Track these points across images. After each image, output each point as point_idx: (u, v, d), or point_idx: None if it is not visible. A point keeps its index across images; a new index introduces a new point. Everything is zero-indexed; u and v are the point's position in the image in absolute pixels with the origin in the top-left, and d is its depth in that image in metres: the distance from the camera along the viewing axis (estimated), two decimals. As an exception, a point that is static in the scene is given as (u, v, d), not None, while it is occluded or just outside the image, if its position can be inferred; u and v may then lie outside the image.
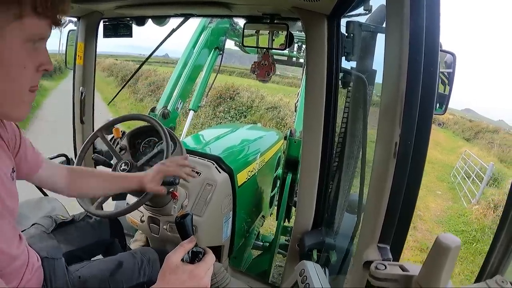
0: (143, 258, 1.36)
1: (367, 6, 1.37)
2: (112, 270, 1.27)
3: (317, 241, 1.55)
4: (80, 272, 1.23)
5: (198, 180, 1.87)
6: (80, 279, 1.20)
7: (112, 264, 1.29)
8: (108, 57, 27.04)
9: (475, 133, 25.10)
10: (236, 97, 13.60)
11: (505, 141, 21.16)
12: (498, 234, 0.65)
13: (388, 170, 0.71)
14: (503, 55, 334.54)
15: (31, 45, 0.73)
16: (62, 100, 11.79)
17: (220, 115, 12.81)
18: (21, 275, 0.96)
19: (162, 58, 36.83)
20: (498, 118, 66.03)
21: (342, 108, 1.56)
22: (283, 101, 13.78)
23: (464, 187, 10.65)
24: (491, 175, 10.57)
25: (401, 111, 0.68)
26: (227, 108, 13.12)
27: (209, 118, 12.47)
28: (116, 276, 1.26)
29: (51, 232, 1.34)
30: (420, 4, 0.65)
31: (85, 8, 1.84)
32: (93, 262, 1.33)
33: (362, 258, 0.75)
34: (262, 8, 1.54)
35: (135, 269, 1.31)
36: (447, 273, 0.56)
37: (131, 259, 1.35)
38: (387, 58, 0.73)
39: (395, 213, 0.74)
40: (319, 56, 1.40)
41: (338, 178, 1.63)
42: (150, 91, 15.60)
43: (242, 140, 2.63)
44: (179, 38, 2.50)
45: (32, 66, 0.76)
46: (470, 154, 13.68)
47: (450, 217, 8.71)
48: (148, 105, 13.88)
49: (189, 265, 0.80)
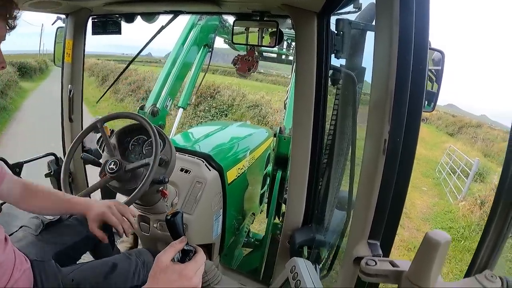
0: (138, 260, 1.34)
1: (357, 4, 1.38)
2: (106, 273, 1.25)
3: (308, 238, 1.56)
4: (74, 274, 1.21)
5: (188, 178, 1.86)
6: (73, 282, 1.18)
7: (106, 267, 1.27)
8: (90, 57, 26.37)
9: (458, 128, 25.16)
10: (217, 95, 13.48)
11: (488, 136, 21.29)
12: (487, 229, 0.66)
13: (377, 167, 0.72)
14: (485, 52, 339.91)
15: None
16: (42, 101, 11.51)
17: (200, 114, 12.61)
18: (7, 278, 0.94)
19: (145, 57, 35.73)
20: (480, 113, 67.06)
21: (331, 105, 1.57)
22: (265, 99, 13.67)
23: (450, 183, 10.67)
24: (476, 170, 10.50)
25: (390, 108, 0.69)
26: (208, 107, 12.97)
27: (190, 118, 12.30)
28: (110, 279, 1.24)
29: (39, 233, 1.33)
30: (410, 3, 0.66)
31: (73, 5, 1.80)
32: (87, 264, 1.31)
33: (353, 254, 0.75)
34: (252, 6, 1.53)
35: (129, 271, 1.29)
36: (437, 269, 0.57)
37: (126, 261, 1.32)
38: (377, 56, 0.74)
39: (385, 209, 0.74)
40: (308, 53, 1.41)
41: (328, 175, 1.64)
42: (130, 91, 15.20)
43: (231, 138, 2.62)
44: (164, 37, 2.47)
45: None
46: (454, 149, 13.67)
47: (436, 214, 8.69)
48: (128, 106, 13.88)
49: (179, 265, 0.80)
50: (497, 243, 0.65)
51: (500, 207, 0.64)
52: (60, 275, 1.17)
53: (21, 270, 1.01)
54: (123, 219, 1.26)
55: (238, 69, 2.86)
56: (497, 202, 0.64)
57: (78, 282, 1.19)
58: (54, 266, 1.18)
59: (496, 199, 0.65)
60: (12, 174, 1.24)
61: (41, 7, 1.67)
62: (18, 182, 1.25)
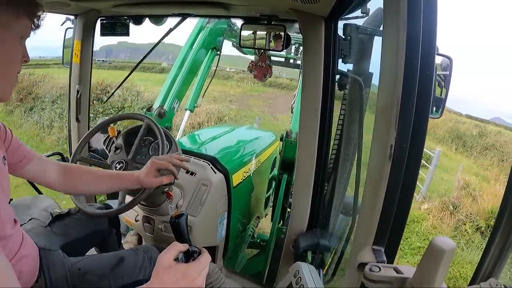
0: (145, 255, 1.36)
1: (365, 9, 1.37)
2: (113, 265, 1.27)
3: (312, 243, 1.55)
4: (81, 264, 1.23)
5: (193, 180, 1.87)
6: (80, 271, 1.21)
7: (114, 259, 1.30)
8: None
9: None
10: (105, 97, 10.41)
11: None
12: (492, 236, 0.66)
13: (383, 173, 0.72)
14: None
15: (22, 41, 0.93)
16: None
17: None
18: (15, 251, 0.99)
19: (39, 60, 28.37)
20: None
21: (338, 110, 1.56)
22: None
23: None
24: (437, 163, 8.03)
25: (397, 114, 0.68)
26: (94, 113, 9.03)
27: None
28: (116, 271, 1.26)
29: (48, 225, 1.36)
30: (417, 8, 0.66)
31: (82, 6, 1.83)
32: (95, 256, 1.34)
33: (357, 260, 0.75)
34: (260, 9, 1.54)
35: (136, 266, 1.31)
36: (441, 276, 0.57)
37: (134, 255, 1.34)
38: (384, 61, 0.74)
39: (390, 216, 0.74)
40: (316, 58, 1.41)
41: (333, 180, 1.63)
42: (18, 100, 11.63)
43: (238, 141, 2.63)
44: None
45: (20, 57, 0.94)
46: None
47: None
48: (16, 120, 11.05)
49: (183, 265, 0.80)
50: (502, 251, 0.65)
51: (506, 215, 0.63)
52: (68, 264, 1.20)
53: (28, 251, 1.05)
54: (169, 160, 1.29)
55: (254, 76, 2.88)
56: (503, 210, 0.63)
57: (84, 271, 1.22)
58: (61, 255, 1.22)
59: (502, 207, 0.64)
60: (45, 157, 1.26)
61: (50, 8, 1.69)
62: (56, 163, 1.27)
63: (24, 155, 1.15)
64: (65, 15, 2.00)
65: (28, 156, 1.16)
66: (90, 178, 1.29)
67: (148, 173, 1.27)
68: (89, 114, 2.19)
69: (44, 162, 1.23)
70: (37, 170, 1.20)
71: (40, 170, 1.21)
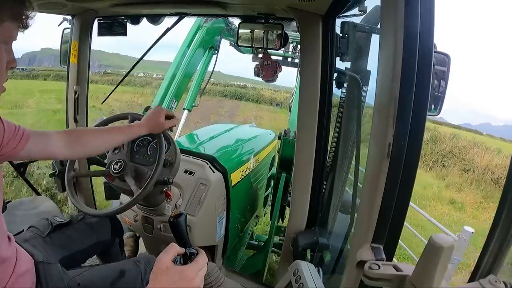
0: (147, 267, 1.32)
1: (362, 7, 1.37)
2: (114, 279, 1.23)
3: (311, 241, 1.55)
4: (80, 278, 1.19)
5: (192, 179, 1.86)
6: (79, 286, 1.17)
7: (114, 272, 1.25)
8: None
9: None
10: None
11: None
12: (492, 233, 0.66)
13: (381, 170, 0.72)
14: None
15: (7, 46, 0.84)
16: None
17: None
18: (9, 275, 0.94)
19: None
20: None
21: (336, 108, 1.56)
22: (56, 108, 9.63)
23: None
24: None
25: (395, 112, 0.68)
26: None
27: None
28: (117, 285, 1.22)
29: (48, 235, 1.29)
30: (415, 6, 0.66)
31: (79, 6, 1.82)
32: (94, 268, 1.28)
33: (356, 258, 0.75)
34: (257, 8, 1.54)
35: (137, 278, 1.27)
36: (440, 273, 0.57)
37: (134, 267, 1.31)
38: (382, 59, 0.74)
39: (389, 213, 0.74)
40: (313, 56, 1.41)
41: (332, 178, 1.64)
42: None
43: (236, 140, 2.62)
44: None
45: (5, 63, 0.84)
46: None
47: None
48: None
49: (180, 266, 0.80)
50: (502, 247, 0.65)
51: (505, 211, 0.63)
52: (66, 278, 1.16)
53: (24, 269, 1.00)
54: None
55: (263, 77, 2.71)
56: (502, 206, 0.64)
57: (84, 285, 1.18)
58: (60, 269, 1.16)
59: (501, 203, 0.64)
60: (41, 132, 1.18)
61: (47, 9, 1.69)
62: (57, 133, 1.22)
63: (20, 135, 1.07)
64: (62, 15, 2.00)
65: (24, 135, 1.08)
66: (98, 136, 1.29)
67: (148, 119, 1.35)
68: (87, 115, 2.19)
69: (42, 136, 1.16)
70: (38, 146, 1.13)
71: (40, 145, 1.14)
